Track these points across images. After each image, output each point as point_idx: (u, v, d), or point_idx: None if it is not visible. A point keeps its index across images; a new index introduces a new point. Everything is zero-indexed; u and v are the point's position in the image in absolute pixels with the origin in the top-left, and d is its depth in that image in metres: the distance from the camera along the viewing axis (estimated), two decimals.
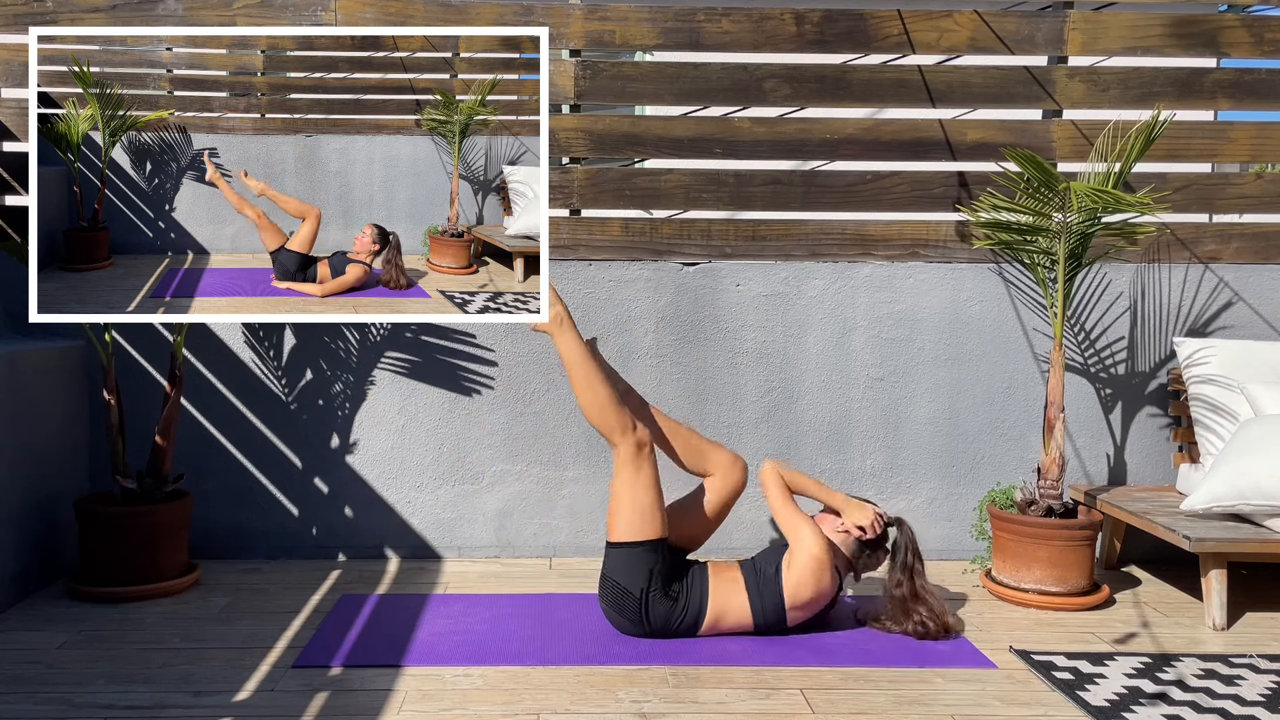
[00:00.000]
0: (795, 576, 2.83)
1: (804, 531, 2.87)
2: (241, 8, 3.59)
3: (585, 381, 2.89)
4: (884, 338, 3.74)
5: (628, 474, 2.84)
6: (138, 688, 2.50)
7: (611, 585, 2.83)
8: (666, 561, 2.84)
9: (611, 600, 2.84)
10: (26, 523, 3.15)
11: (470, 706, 2.43)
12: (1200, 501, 3.13)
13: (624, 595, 2.81)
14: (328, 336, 3.65)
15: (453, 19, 3.64)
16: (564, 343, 2.94)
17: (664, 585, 2.81)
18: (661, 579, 2.81)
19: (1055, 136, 3.74)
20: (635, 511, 2.82)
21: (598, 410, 2.87)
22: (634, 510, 2.82)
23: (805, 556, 2.83)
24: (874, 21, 3.71)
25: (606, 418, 2.86)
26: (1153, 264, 3.79)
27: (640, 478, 2.84)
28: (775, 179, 3.75)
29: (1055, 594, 3.18)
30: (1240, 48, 3.77)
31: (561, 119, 3.70)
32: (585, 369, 2.90)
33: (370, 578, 3.43)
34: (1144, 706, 2.46)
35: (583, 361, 2.91)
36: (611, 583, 2.83)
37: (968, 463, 3.76)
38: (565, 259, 3.69)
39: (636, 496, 2.83)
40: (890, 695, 2.53)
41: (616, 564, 2.83)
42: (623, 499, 2.84)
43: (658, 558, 2.81)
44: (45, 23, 3.55)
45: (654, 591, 2.80)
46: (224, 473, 3.63)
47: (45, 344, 3.36)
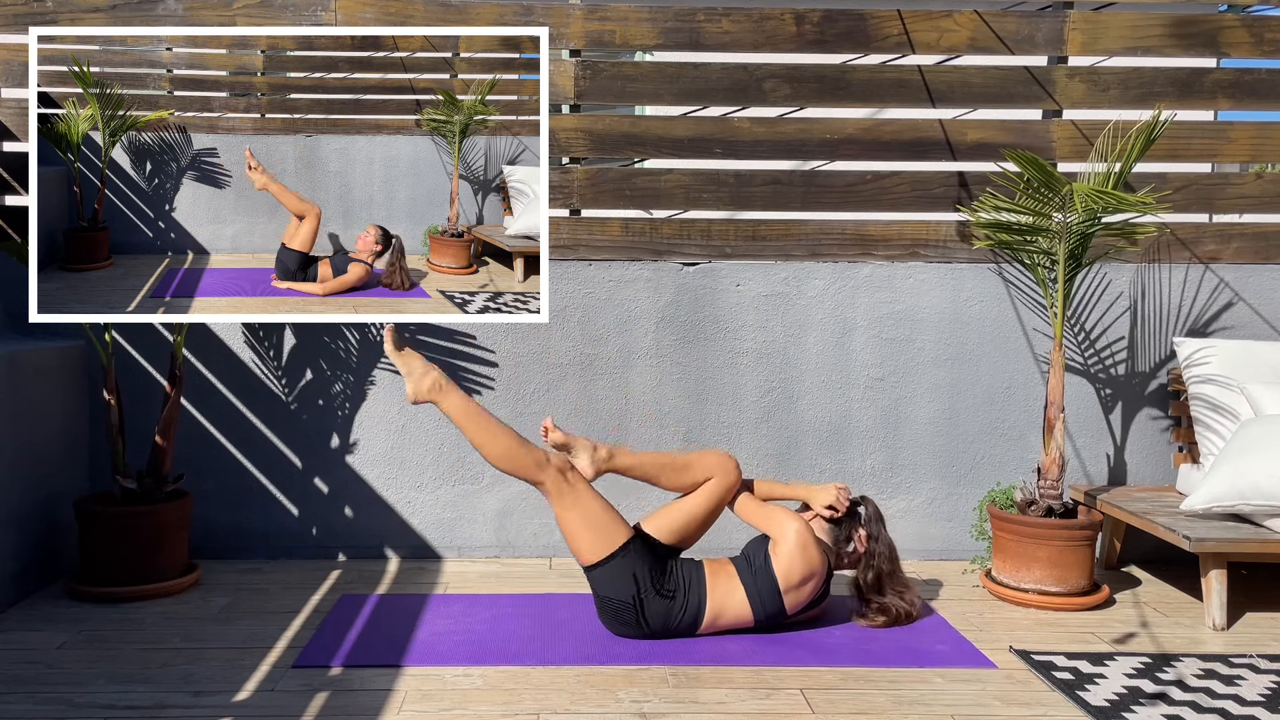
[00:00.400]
0: (784, 560, 2.84)
1: (778, 515, 2.92)
2: (241, 8, 3.59)
3: (485, 434, 2.86)
4: (884, 338, 3.74)
5: (566, 501, 2.83)
6: (138, 688, 2.50)
7: (604, 601, 2.84)
8: (647, 557, 2.84)
9: (609, 614, 2.86)
10: (26, 523, 3.15)
11: (470, 706, 2.43)
12: (1200, 501, 3.13)
13: (619, 607, 2.81)
14: (328, 336, 3.65)
15: (453, 19, 3.64)
16: (449, 404, 2.90)
17: (655, 584, 2.81)
18: (650, 578, 2.81)
19: (1055, 136, 3.74)
20: (591, 530, 2.81)
21: (508, 458, 2.85)
22: (589, 529, 2.82)
23: (789, 535, 2.86)
24: (874, 21, 3.71)
25: (518, 461, 2.84)
26: (1153, 264, 3.79)
27: (579, 498, 2.83)
28: (775, 179, 3.75)
29: (1055, 594, 3.18)
30: (1240, 48, 3.77)
31: (561, 119, 3.70)
32: (478, 423, 2.87)
33: (370, 578, 3.43)
34: (1144, 706, 2.46)
35: (475, 416, 2.88)
36: (603, 599, 2.84)
37: (968, 463, 3.76)
38: (565, 259, 3.69)
39: (585, 515, 2.82)
40: (890, 695, 2.53)
41: (601, 582, 2.83)
42: (573, 524, 2.83)
43: (636, 559, 2.81)
44: (45, 23, 3.55)
45: (646, 593, 2.80)
46: (224, 473, 3.63)
47: (45, 344, 3.36)
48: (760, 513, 2.98)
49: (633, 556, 2.81)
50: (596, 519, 2.82)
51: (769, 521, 2.93)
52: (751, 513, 3.00)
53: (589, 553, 2.82)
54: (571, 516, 2.83)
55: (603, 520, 2.83)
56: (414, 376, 2.92)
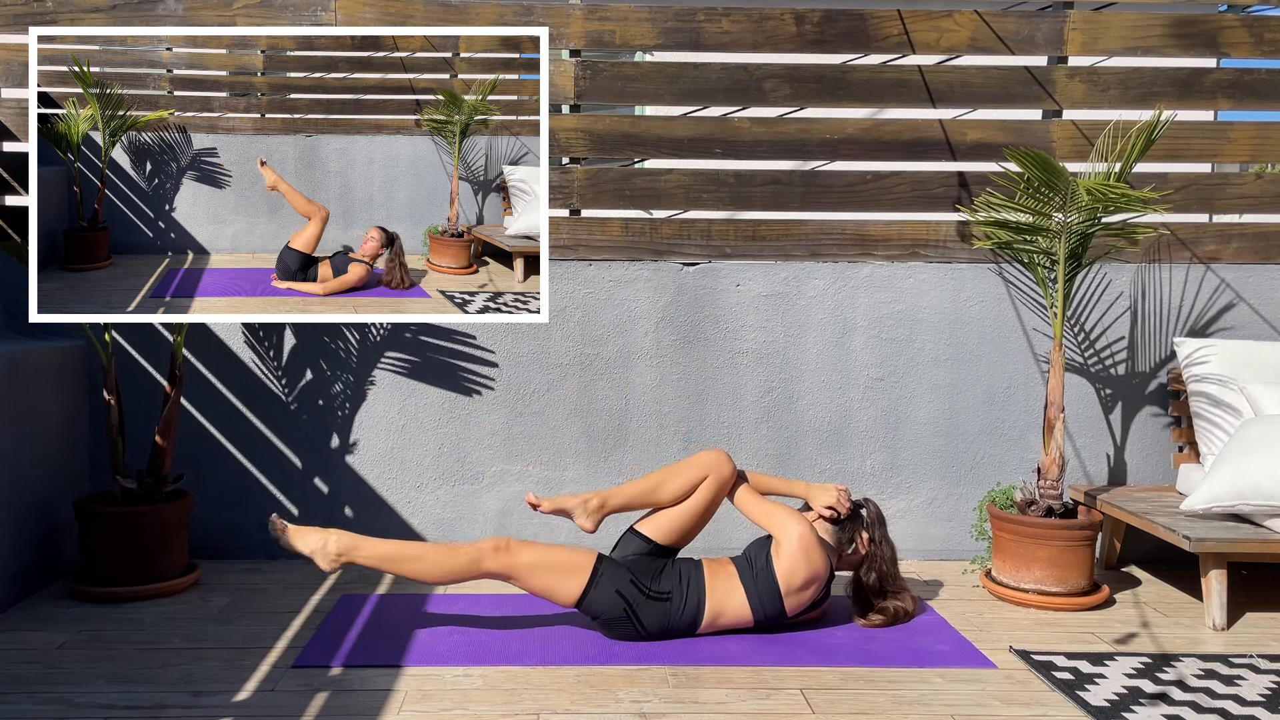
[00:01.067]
0: (787, 563, 2.83)
1: (783, 516, 2.90)
2: (241, 7, 3.59)
3: (413, 566, 2.83)
4: (884, 338, 3.74)
5: (521, 570, 2.80)
6: (138, 688, 2.50)
7: (603, 621, 2.85)
8: (624, 570, 2.83)
9: (609, 628, 2.86)
10: (26, 523, 3.15)
11: (470, 706, 2.43)
12: (1200, 501, 3.13)
13: (615, 621, 2.82)
14: (328, 336, 3.65)
15: (453, 19, 3.65)
16: (364, 558, 2.83)
17: (644, 590, 2.81)
18: (636, 588, 2.81)
19: (1055, 136, 3.74)
20: (555, 574, 2.80)
21: (446, 574, 2.83)
22: (554, 574, 2.80)
23: (793, 538, 2.85)
24: (874, 21, 3.71)
25: (456, 570, 2.81)
26: (1153, 264, 3.79)
27: (528, 559, 2.80)
28: (775, 179, 3.75)
29: (1055, 594, 3.18)
30: (1240, 48, 3.77)
31: (561, 119, 3.70)
32: (400, 562, 2.83)
33: (370, 578, 3.43)
34: (1144, 706, 2.46)
35: (393, 559, 2.84)
36: (601, 620, 2.84)
37: (968, 463, 3.76)
38: (565, 259, 3.69)
39: (544, 569, 2.80)
40: (890, 695, 2.53)
41: (593, 610, 2.83)
42: (540, 582, 2.81)
43: (614, 577, 2.81)
44: (45, 22, 3.55)
45: (636, 601, 2.80)
46: (224, 473, 3.63)
47: (45, 344, 3.36)
48: (762, 510, 2.97)
49: (608, 576, 2.81)
50: (555, 564, 2.81)
51: (771, 520, 2.92)
52: (753, 509, 2.99)
53: (569, 595, 2.81)
54: (534, 578, 2.81)
55: (562, 562, 2.82)
56: (318, 553, 2.84)
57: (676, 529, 2.96)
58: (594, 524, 2.98)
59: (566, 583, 2.80)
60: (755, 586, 2.85)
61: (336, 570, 2.87)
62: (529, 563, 2.80)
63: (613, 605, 2.79)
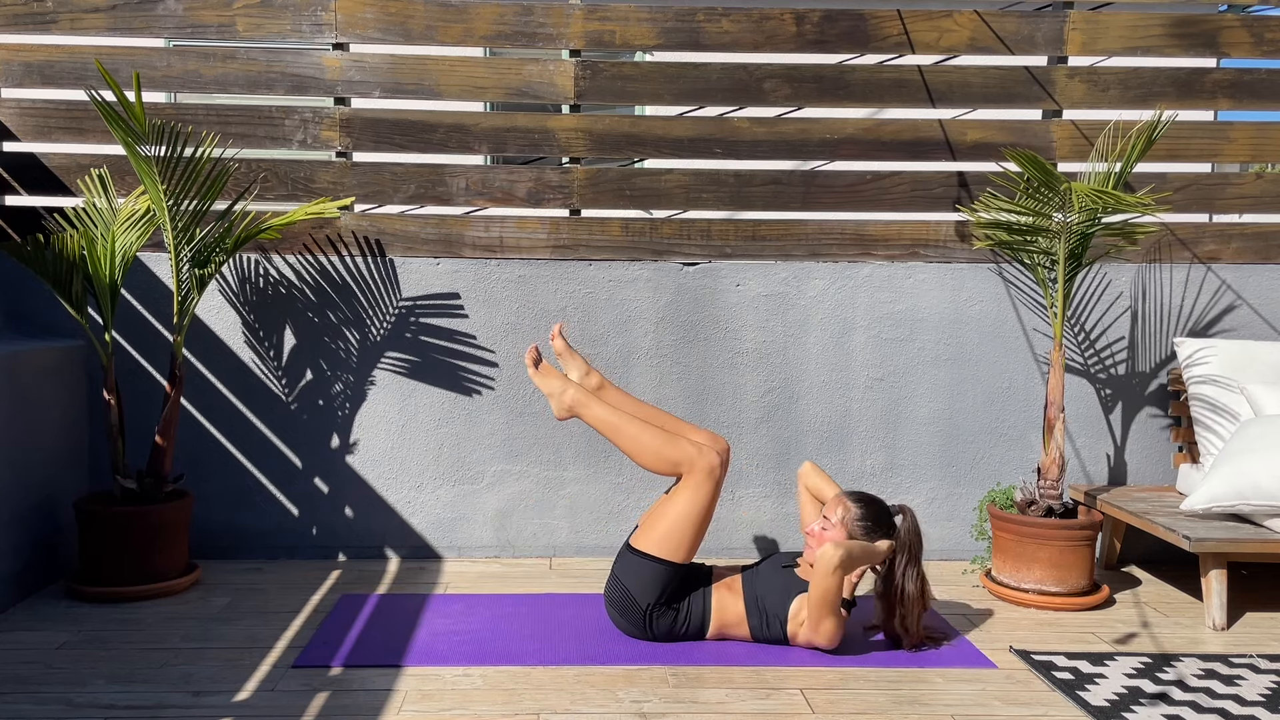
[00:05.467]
0: (802, 639, 2.78)
1: (828, 624, 2.71)
2: (241, 8, 3.59)
3: (629, 443, 2.85)
4: (884, 338, 3.74)
5: (686, 494, 2.78)
6: (138, 688, 2.50)
7: (621, 589, 2.81)
8: (680, 584, 2.81)
9: (617, 602, 2.83)
10: (26, 523, 3.15)
11: (470, 706, 2.43)
12: (1200, 501, 3.13)
13: (631, 603, 2.80)
14: (328, 336, 3.65)
15: (452, 18, 3.64)
16: (590, 417, 2.90)
17: (669, 601, 2.80)
18: (669, 597, 2.80)
19: (1055, 136, 3.74)
20: (675, 532, 2.77)
21: (657, 460, 2.83)
22: (674, 530, 2.77)
23: (821, 634, 2.72)
24: (874, 21, 3.71)
25: (666, 459, 2.81)
26: (1153, 264, 3.79)
27: (695, 501, 2.78)
28: (775, 179, 3.75)
29: (1055, 594, 3.18)
30: (1240, 48, 3.78)
31: (561, 119, 3.70)
32: (620, 433, 2.85)
33: (370, 578, 3.43)
34: (1144, 706, 2.46)
35: (617, 428, 2.85)
36: (622, 587, 2.81)
37: (968, 463, 3.76)
38: (565, 259, 3.69)
39: (682, 517, 2.77)
40: (890, 695, 2.53)
41: (631, 570, 2.79)
42: (668, 515, 2.79)
43: (674, 580, 2.79)
44: (45, 23, 3.55)
45: (660, 606, 2.79)
46: (224, 473, 3.63)
47: (45, 344, 3.36)
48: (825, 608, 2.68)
49: (673, 576, 2.78)
50: (687, 531, 2.76)
51: (820, 618, 2.69)
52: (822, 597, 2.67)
53: (652, 542, 2.76)
54: (676, 508, 2.77)
55: (689, 536, 2.77)
56: (555, 396, 2.94)
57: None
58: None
59: (666, 539, 2.75)
60: (763, 632, 2.81)
61: (566, 419, 2.96)
62: (691, 500, 2.76)
63: (645, 592, 2.76)
